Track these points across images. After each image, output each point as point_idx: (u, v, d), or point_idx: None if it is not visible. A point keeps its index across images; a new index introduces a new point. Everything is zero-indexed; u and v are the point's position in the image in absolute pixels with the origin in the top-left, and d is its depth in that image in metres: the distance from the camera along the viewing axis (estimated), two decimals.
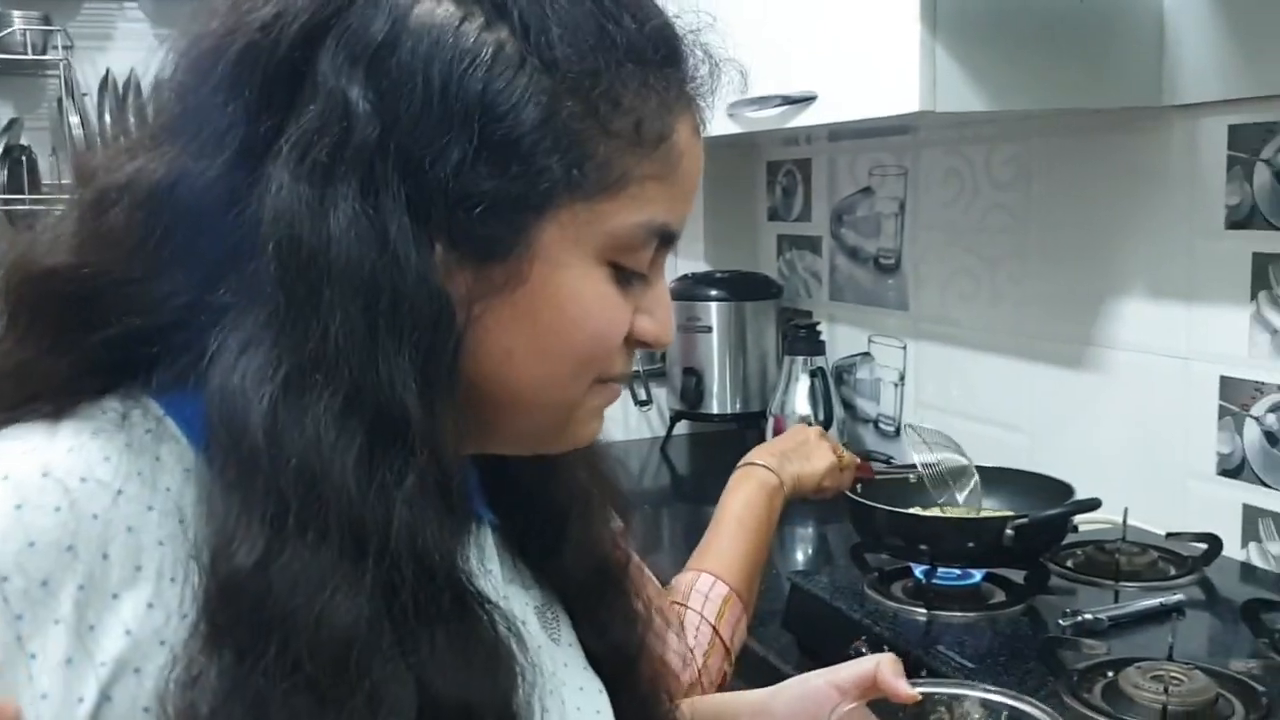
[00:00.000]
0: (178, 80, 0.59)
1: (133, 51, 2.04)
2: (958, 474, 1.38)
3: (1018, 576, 1.30)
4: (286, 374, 0.53)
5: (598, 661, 0.74)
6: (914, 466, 1.39)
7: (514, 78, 0.56)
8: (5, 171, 1.95)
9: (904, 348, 2.02)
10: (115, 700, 0.52)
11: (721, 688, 1.09)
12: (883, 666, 0.80)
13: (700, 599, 1.14)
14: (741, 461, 1.29)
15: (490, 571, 0.69)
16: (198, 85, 0.57)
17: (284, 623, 0.51)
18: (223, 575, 0.52)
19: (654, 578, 1.09)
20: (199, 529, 0.54)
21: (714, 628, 1.12)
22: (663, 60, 0.61)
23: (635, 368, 2.33)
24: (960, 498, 1.36)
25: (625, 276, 0.62)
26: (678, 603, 1.14)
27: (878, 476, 1.40)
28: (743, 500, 1.23)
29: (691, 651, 1.09)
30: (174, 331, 0.56)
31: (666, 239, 0.63)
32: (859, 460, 1.38)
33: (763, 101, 1.60)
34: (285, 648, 0.51)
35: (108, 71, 2.02)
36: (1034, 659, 1.11)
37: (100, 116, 1.99)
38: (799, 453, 1.30)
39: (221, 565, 0.52)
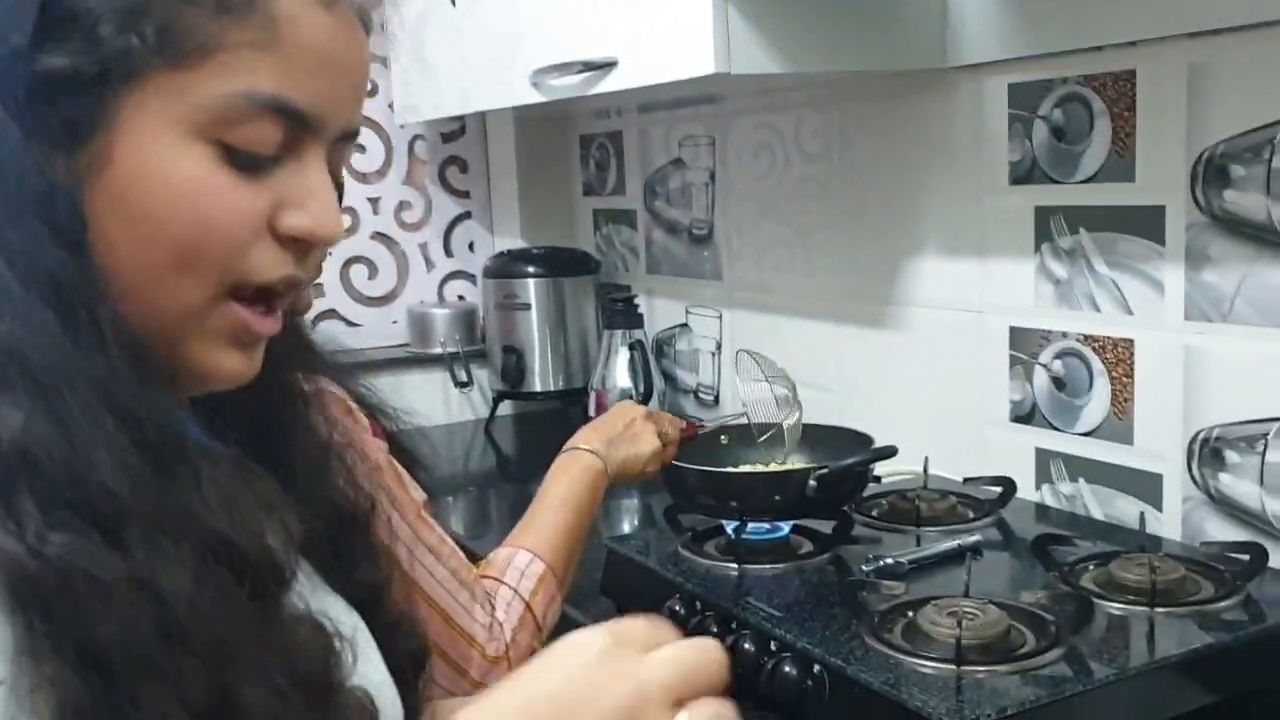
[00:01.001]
0: None
1: None
2: (784, 404, 1.38)
3: (825, 528, 1.32)
4: None
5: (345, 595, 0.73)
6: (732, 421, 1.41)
7: None
8: None
9: (719, 317, 2.05)
10: None
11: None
12: None
13: (516, 574, 1.13)
14: (566, 445, 1.28)
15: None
16: None
17: (57, 477, 0.52)
18: None
19: (459, 551, 1.08)
20: None
21: (526, 603, 1.11)
22: None
23: (455, 349, 2.30)
24: (786, 426, 1.36)
25: (249, 161, 0.59)
26: (492, 577, 1.12)
27: (701, 432, 1.40)
28: (565, 483, 1.22)
29: (501, 625, 1.08)
30: None
31: (292, 116, 0.59)
32: (683, 425, 1.37)
33: (564, 68, 1.60)
34: (57, 503, 0.52)
35: None
36: (838, 604, 1.14)
37: None
38: (624, 436, 1.29)
39: None
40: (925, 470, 1.45)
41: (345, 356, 0.87)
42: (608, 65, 1.54)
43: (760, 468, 1.39)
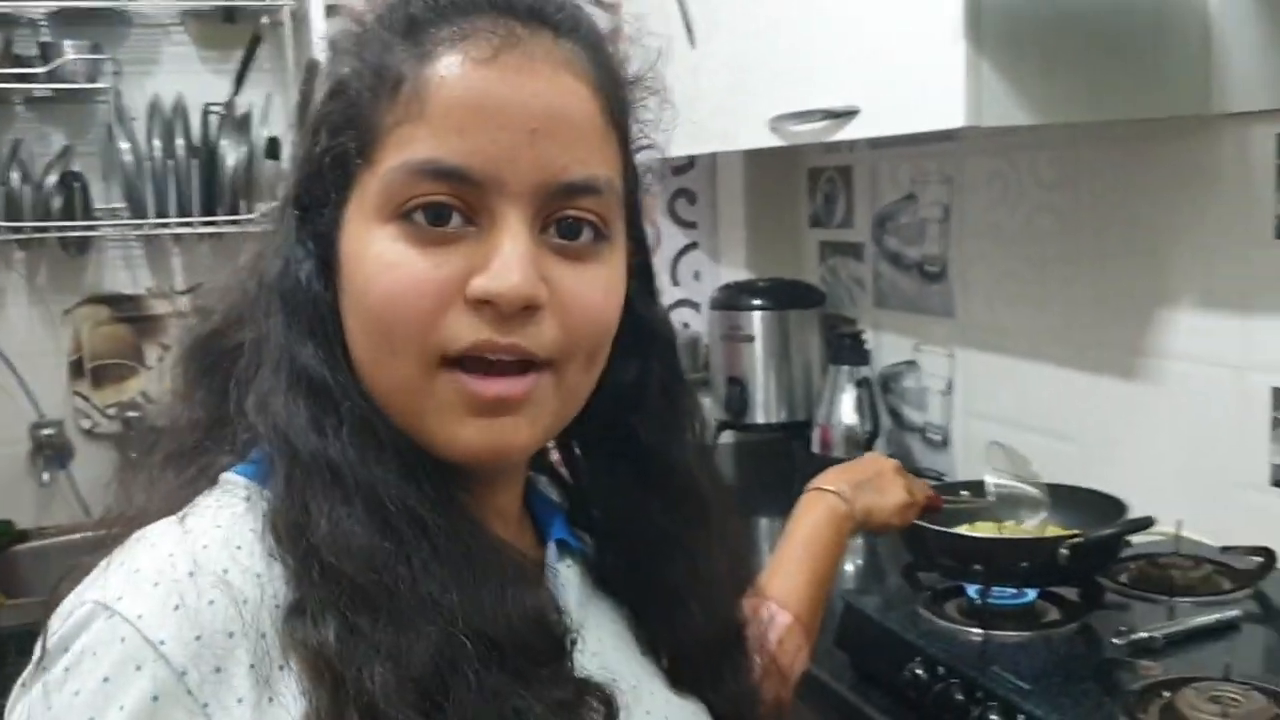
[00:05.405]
0: None
1: (179, 75, 2.07)
2: (1030, 503, 1.34)
3: (1071, 593, 1.29)
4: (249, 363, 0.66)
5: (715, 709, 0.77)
6: (969, 486, 1.39)
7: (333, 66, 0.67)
8: (60, 198, 1.98)
9: (951, 355, 2.01)
10: None
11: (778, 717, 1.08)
12: None
13: (759, 626, 1.12)
14: (811, 484, 1.22)
15: (564, 585, 0.72)
16: None
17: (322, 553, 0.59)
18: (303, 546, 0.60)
19: None
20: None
21: (772, 655, 1.10)
22: (404, 30, 0.64)
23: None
24: (1028, 524, 1.33)
25: (431, 233, 0.61)
26: None
27: (946, 506, 1.34)
28: (810, 525, 1.17)
29: None
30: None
31: (451, 175, 0.61)
32: (930, 493, 1.31)
33: (805, 116, 1.60)
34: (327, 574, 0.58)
35: (155, 96, 2.05)
36: (1090, 679, 1.11)
37: (149, 141, 2.02)
38: (873, 484, 1.23)
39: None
40: (1178, 535, 1.40)
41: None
42: (850, 114, 1.54)
43: (995, 526, 1.36)
